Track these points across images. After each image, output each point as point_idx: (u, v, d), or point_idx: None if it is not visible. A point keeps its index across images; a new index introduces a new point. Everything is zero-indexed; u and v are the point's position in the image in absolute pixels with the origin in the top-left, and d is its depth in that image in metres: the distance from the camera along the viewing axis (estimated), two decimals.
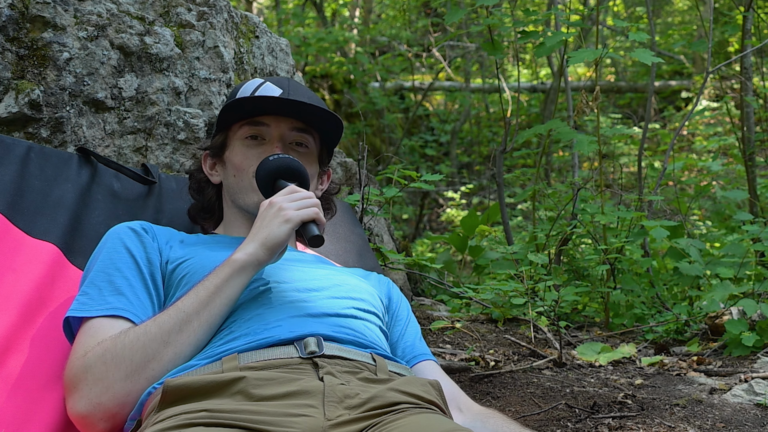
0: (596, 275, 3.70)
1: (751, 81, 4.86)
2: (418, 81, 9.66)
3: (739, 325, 2.88)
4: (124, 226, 1.79)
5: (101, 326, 1.60)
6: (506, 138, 4.08)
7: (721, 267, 3.54)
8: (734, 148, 6.36)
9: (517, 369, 2.70)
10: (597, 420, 2.18)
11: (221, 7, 2.57)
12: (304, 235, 1.65)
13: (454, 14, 3.83)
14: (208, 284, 1.61)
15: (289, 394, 1.45)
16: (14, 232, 1.82)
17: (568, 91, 5.34)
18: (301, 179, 1.78)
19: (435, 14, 9.93)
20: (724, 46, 8.43)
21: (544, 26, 4.76)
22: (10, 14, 2.10)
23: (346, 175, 3.13)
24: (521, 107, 8.51)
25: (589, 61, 3.39)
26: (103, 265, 1.70)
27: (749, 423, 2.14)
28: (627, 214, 3.55)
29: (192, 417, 1.39)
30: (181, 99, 2.41)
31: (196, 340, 1.58)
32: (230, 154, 1.91)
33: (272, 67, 2.81)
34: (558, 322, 2.99)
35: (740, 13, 4.42)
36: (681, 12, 11.00)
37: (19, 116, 2.10)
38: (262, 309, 1.65)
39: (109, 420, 1.54)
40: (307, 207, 1.65)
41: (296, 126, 1.88)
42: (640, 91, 9.58)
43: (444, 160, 9.51)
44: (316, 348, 1.55)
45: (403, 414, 1.44)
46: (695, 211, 6.28)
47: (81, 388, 1.54)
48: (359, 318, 1.71)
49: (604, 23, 8.00)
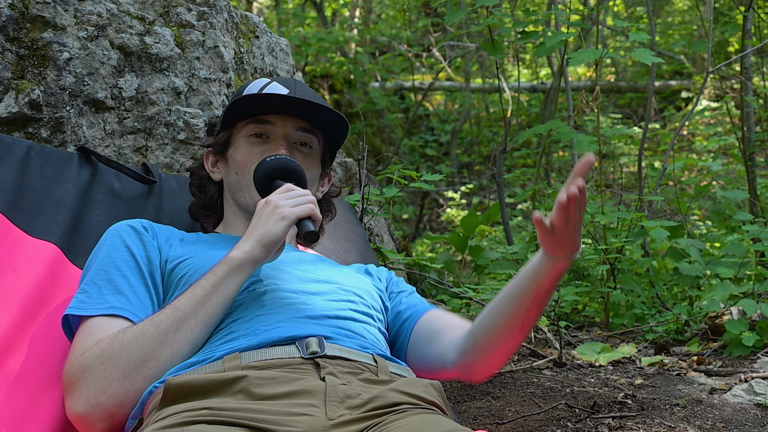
0: (596, 275, 3.70)
1: (751, 81, 4.86)
2: (418, 81, 9.65)
3: (739, 325, 2.88)
4: (124, 224, 1.79)
5: (100, 325, 1.60)
6: (506, 138, 4.08)
7: (721, 267, 3.54)
8: (734, 148, 6.35)
9: (517, 369, 2.70)
10: (597, 420, 2.19)
11: (221, 7, 2.57)
12: (300, 231, 1.66)
13: (454, 14, 3.83)
14: (205, 283, 1.61)
15: (291, 393, 1.45)
16: (14, 232, 1.82)
17: (568, 91, 5.34)
18: (298, 179, 1.79)
19: (435, 14, 9.92)
20: (724, 46, 8.43)
21: (544, 26, 4.76)
22: (10, 14, 2.10)
23: (346, 175, 3.13)
24: (521, 107, 8.51)
25: (589, 62, 3.39)
26: (102, 263, 1.70)
27: (749, 423, 2.15)
28: (627, 214, 3.55)
29: (194, 415, 1.39)
30: (181, 99, 2.41)
31: (193, 338, 1.58)
32: (233, 151, 1.91)
33: (272, 67, 2.81)
34: (558, 322, 2.99)
35: (740, 13, 4.42)
36: (681, 12, 11.00)
37: (19, 116, 2.10)
38: (262, 310, 1.65)
39: (107, 420, 1.54)
40: (302, 204, 1.66)
41: (301, 126, 1.89)
42: (640, 91, 9.58)
43: (444, 160, 9.51)
44: (317, 348, 1.56)
45: (404, 414, 1.44)
46: (695, 211, 6.28)
47: (79, 387, 1.54)
48: (358, 321, 1.72)
49: (604, 23, 8.00)
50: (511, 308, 1.61)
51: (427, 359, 1.79)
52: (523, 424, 2.22)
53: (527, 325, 1.62)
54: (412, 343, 1.82)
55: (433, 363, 1.77)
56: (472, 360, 1.69)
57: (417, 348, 1.81)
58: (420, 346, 1.80)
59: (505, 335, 1.64)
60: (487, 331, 1.66)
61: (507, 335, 1.64)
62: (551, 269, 1.53)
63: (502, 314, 1.63)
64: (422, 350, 1.80)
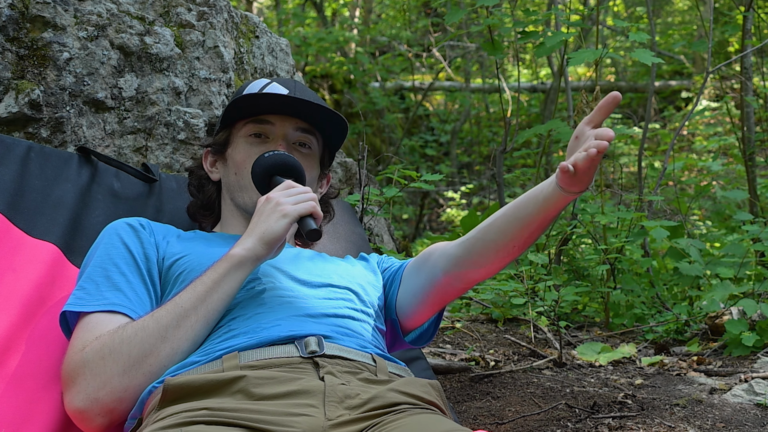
0: (596, 275, 3.70)
1: (751, 81, 4.86)
2: (418, 81, 9.66)
3: (739, 325, 2.88)
4: (121, 222, 1.79)
5: (99, 321, 1.60)
6: (506, 138, 4.08)
7: (721, 267, 3.54)
8: (734, 148, 6.35)
9: (517, 369, 2.70)
10: (597, 420, 2.19)
11: (221, 7, 2.57)
12: (301, 229, 1.66)
13: (455, 14, 3.83)
14: (206, 279, 1.61)
15: (290, 393, 1.45)
16: (14, 232, 1.82)
17: (568, 91, 5.33)
18: (297, 175, 1.79)
19: (435, 14, 9.92)
20: (724, 46, 8.43)
21: (544, 26, 4.76)
22: (10, 14, 2.10)
23: (346, 175, 3.13)
24: (521, 107, 8.51)
25: (589, 62, 3.39)
26: (100, 261, 1.70)
27: (749, 423, 2.15)
28: (627, 214, 3.55)
29: (193, 415, 1.39)
30: (181, 99, 2.41)
31: (193, 335, 1.59)
32: (232, 151, 1.91)
33: (272, 67, 2.81)
34: (558, 322, 2.99)
35: (740, 13, 4.42)
36: (681, 12, 10.99)
37: (19, 116, 2.10)
38: (262, 308, 1.65)
39: (106, 415, 1.54)
40: (304, 201, 1.66)
41: (301, 126, 1.89)
42: (640, 91, 9.57)
43: (444, 160, 9.51)
44: (316, 347, 1.56)
45: (403, 414, 1.44)
46: (695, 211, 6.28)
47: (79, 382, 1.54)
48: (357, 319, 1.72)
49: (604, 23, 8.00)
50: (514, 228, 1.65)
51: (418, 283, 1.82)
52: (523, 424, 2.22)
53: (525, 245, 1.68)
54: (405, 280, 1.86)
55: (424, 284, 1.81)
56: (464, 269, 1.74)
57: (409, 281, 1.85)
58: (412, 277, 1.85)
59: (502, 252, 1.69)
60: (484, 244, 1.70)
61: (504, 252, 1.69)
62: (562, 200, 1.58)
63: (502, 232, 1.67)
64: (414, 279, 1.84)
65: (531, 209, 1.62)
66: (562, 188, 1.55)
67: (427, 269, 1.81)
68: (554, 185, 1.56)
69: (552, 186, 1.56)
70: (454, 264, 1.75)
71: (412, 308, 1.84)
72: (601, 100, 1.54)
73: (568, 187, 1.54)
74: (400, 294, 1.86)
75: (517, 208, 1.65)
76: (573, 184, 1.53)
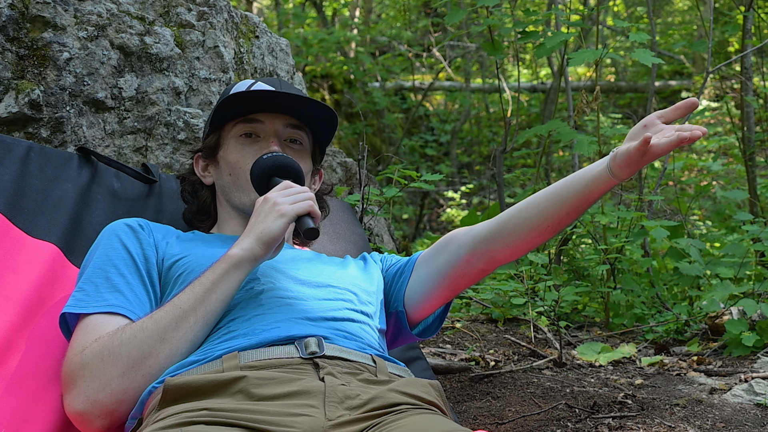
0: (596, 275, 3.70)
1: (752, 81, 4.86)
2: (418, 81, 9.66)
3: (739, 325, 2.88)
4: (120, 223, 1.79)
5: (98, 323, 1.60)
6: (506, 138, 4.08)
7: (721, 267, 3.54)
8: (734, 148, 6.36)
9: (517, 369, 2.70)
10: (597, 420, 2.19)
11: (221, 7, 2.57)
12: (299, 228, 1.66)
13: (455, 14, 3.83)
14: (205, 280, 1.61)
15: (290, 394, 1.45)
16: (14, 232, 1.82)
17: (568, 91, 5.33)
18: (296, 176, 1.79)
19: (435, 14, 9.92)
20: (724, 46, 8.43)
21: (544, 26, 4.76)
22: (10, 14, 2.10)
23: (346, 175, 3.13)
24: (521, 107, 8.51)
25: (589, 62, 3.39)
26: (99, 262, 1.70)
27: (749, 423, 2.15)
28: (627, 214, 3.55)
29: (193, 416, 1.39)
30: (181, 99, 2.41)
31: (192, 336, 1.59)
32: (225, 153, 1.90)
33: (272, 67, 2.81)
34: (558, 322, 2.99)
35: (740, 13, 4.42)
36: (681, 12, 10.99)
37: (19, 116, 2.10)
38: (261, 309, 1.65)
39: (106, 417, 1.54)
40: (301, 201, 1.66)
41: (290, 122, 1.89)
42: (640, 91, 9.57)
43: (444, 160, 9.50)
44: (316, 348, 1.56)
45: (404, 414, 1.44)
46: (695, 211, 6.28)
47: (78, 384, 1.54)
48: (356, 321, 1.72)
49: (604, 23, 8.00)
50: (553, 206, 1.66)
51: (435, 267, 1.82)
52: (523, 424, 2.22)
53: (559, 227, 1.69)
54: (417, 268, 1.85)
55: (442, 266, 1.81)
56: (491, 248, 1.74)
57: (423, 267, 1.85)
58: (428, 263, 1.84)
59: (535, 232, 1.69)
60: (518, 222, 1.70)
61: (537, 232, 1.69)
62: (608, 184, 1.60)
63: (541, 210, 1.68)
64: (430, 264, 1.83)
65: (577, 187, 1.63)
66: (612, 171, 1.57)
67: (448, 251, 1.80)
68: (604, 167, 1.58)
69: (602, 167, 1.59)
70: (482, 241, 1.75)
71: (424, 295, 1.84)
72: (677, 103, 1.58)
73: (627, 168, 1.55)
74: (411, 283, 1.86)
75: (562, 186, 1.66)
76: (632, 167, 1.55)
